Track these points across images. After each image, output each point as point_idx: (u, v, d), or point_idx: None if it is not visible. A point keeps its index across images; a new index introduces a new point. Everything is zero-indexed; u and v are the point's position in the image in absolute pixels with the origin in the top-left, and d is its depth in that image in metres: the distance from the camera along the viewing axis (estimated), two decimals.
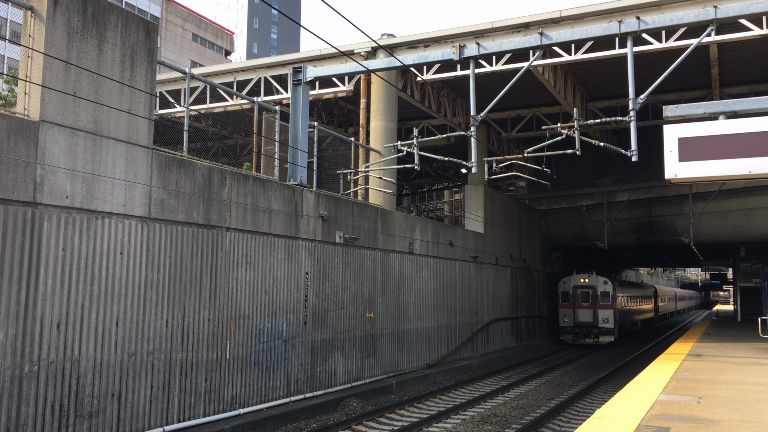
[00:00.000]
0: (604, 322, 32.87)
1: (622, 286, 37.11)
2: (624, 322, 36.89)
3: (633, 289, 41.14)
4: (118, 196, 10.31)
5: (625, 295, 37.40)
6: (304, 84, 16.14)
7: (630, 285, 41.56)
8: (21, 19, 9.63)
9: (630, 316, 39.20)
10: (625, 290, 37.92)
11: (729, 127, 10.98)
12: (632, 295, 40.22)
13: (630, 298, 39.24)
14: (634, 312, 41.18)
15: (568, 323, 33.82)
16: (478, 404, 16.41)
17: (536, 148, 17.56)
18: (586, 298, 33.51)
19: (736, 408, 9.49)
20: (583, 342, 33.29)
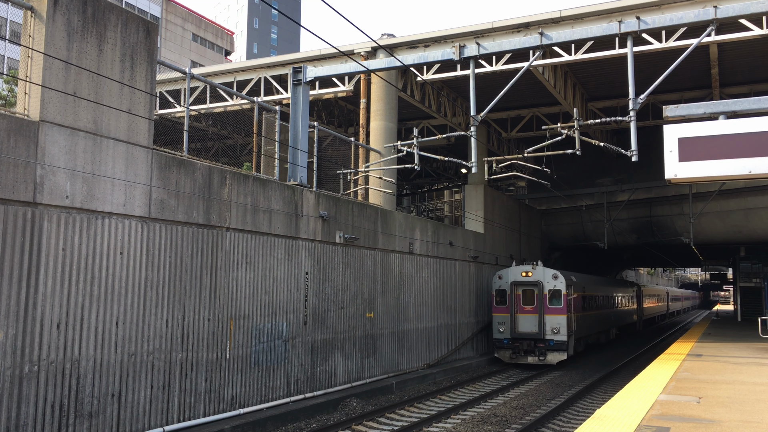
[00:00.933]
0: (553, 333, 23.13)
1: (583, 283, 27.34)
2: (585, 333, 27.15)
3: (602, 287, 31.62)
4: (118, 196, 10.31)
5: (588, 294, 27.78)
6: (304, 84, 16.14)
7: (596, 281, 31.29)
8: (21, 19, 9.62)
9: (594, 324, 29.39)
10: (589, 288, 28.33)
11: (729, 127, 10.99)
12: (599, 295, 30.54)
13: (595, 299, 29.36)
14: (603, 318, 31.51)
15: (504, 334, 24.05)
16: (478, 404, 16.41)
17: (536, 148, 17.56)
18: (529, 299, 24.00)
19: (736, 408, 9.48)
20: (524, 361, 23.76)
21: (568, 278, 24.31)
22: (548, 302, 23.63)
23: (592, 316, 28.66)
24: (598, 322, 30.20)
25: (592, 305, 28.77)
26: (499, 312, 24.44)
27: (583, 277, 28.06)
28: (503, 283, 24.48)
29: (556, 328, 23.27)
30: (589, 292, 27.93)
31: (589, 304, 28.11)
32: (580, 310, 25.86)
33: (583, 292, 26.74)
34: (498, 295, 24.51)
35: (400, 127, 27.35)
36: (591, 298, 28.34)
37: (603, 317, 31.35)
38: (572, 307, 24.33)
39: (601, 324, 30.76)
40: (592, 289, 28.93)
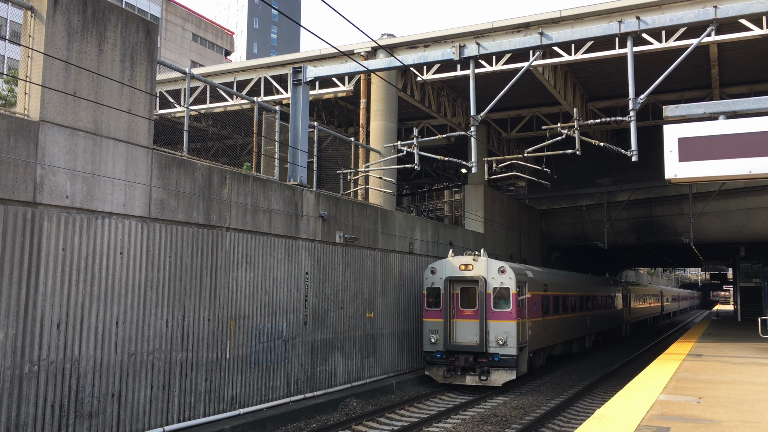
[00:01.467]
0: (498, 345, 17.80)
1: (545, 280, 21.96)
2: (547, 342, 21.68)
3: (573, 286, 25.92)
4: (118, 196, 10.31)
5: (552, 294, 22.46)
6: (304, 84, 16.14)
7: (566, 279, 25.42)
8: (21, 19, 9.62)
9: (562, 331, 23.79)
10: (554, 286, 22.81)
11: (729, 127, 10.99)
12: (571, 296, 24.99)
13: (563, 300, 23.92)
14: (575, 323, 25.62)
15: (437, 346, 18.52)
16: (478, 404, 16.41)
17: (536, 148, 17.56)
18: (469, 300, 18.54)
19: (736, 408, 9.48)
20: (461, 382, 18.10)
21: (521, 273, 18.90)
22: (492, 304, 17.94)
23: (557, 322, 22.81)
24: (568, 328, 24.55)
25: (559, 308, 23.13)
26: (430, 316, 18.73)
27: (545, 273, 22.71)
28: (436, 280, 18.79)
29: (502, 338, 17.67)
30: (553, 292, 22.50)
31: (555, 307, 22.55)
32: (538, 313, 20.35)
33: (545, 292, 21.46)
34: (430, 294, 18.88)
35: (400, 127, 27.35)
36: (557, 300, 22.84)
37: (575, 322, 25.49)
38: (526, 311, 18.86)
39: (571, 330, 25.01)
40: (559, 288, 23.50)
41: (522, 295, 18.62)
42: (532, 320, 19.64)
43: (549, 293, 21.91)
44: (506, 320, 17.95)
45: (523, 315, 18.60)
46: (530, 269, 20.96)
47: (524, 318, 18.74)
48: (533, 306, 19.85)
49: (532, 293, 19.84)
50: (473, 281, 18.35)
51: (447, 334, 18.27)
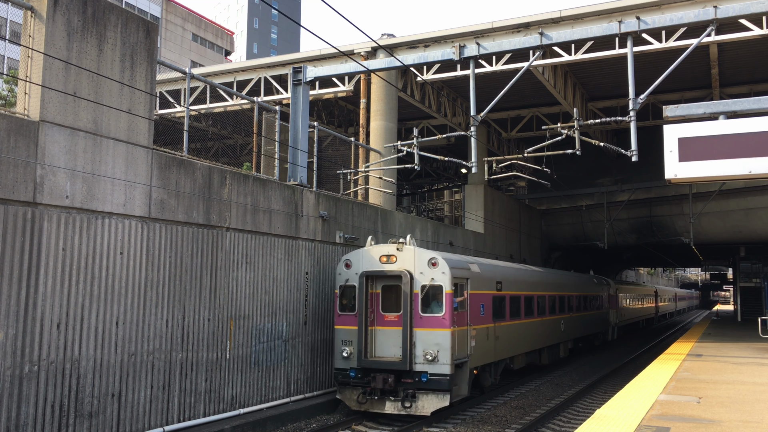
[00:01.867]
0: (427, 361, 13.70)
1: (498, 276, 17.43)
2: (501, 354, 17.20)
3: (540, 283, 21.40)
4: (118, 196, 10.31)
5: (508, 294, 17.96)
6: (304, 84, 16.14)
7: (528, 275, 20.52)
8: (21, 19, 9.62)
9: (525, 339, 19.19)
10: (511, 284, 18.32)
11: (729, 127, 10.99)
12: (536, 296, 20.38)
13: (526, 302, 19.37)
14: (542, 329, 21.01)
15: (350, 361, 14.35)
16: (478, 404, 16.40)
17: (536, 148, 17.57)
18: (392, 301, 14.44)
19: (736, 408, 9.48)
20: (380, 409, 14.00)
21: (459, 267, 14.67)
22: (420, 307, 13.74)
23: (517, 329, 18.38)
24: (533, 335, 19.95)
25: (520, 311, 18.77)
26: (344, 323, 14.39)
27: (499, 268, 17.92)
28: (352, 276, 14.48)
29: (432, 352, 13.43)
30: (511, 291, 18.08)
31: (514, 310, 18.20)
32: (487, 318, 16.05)
33: (498, 291, 17.00)
34: (344, 295, 14.56)
35: (400, 127, 27.36)
36: (516, 301, 18.51)
37: (543, 328, 21.03)
38: (467, 315, 14.68)
39: (538, 338, 20.50)
40: (520, 287, 18.98)
41: (460, 295, 14.42)
42: (478, 327, 15.26)
43: (504, 293, 17.51)
44: (438, 328, 13.63)
45: (462, 321, 14.38)
46: (476, 262, 16.54)
47: (464, 325, 14.47)
48: (479, 309, 15.49)
49: (479, 293, 15.59)
50: (397, 276, 14.07)
51: (362, 347, 13.95)
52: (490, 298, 16.43)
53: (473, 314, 15.09)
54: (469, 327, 14.81)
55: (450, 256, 15.37)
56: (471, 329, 14.87)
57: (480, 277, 15.93)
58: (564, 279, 25.10)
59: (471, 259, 16.92)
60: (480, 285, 15.80)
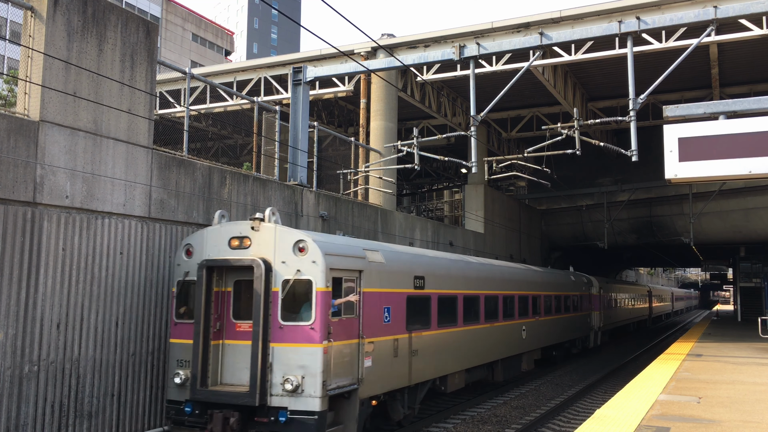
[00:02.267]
0: (287, 391, 9.24)
1: (405, 268, 12.51)
2: (406, 380, 12.17)
3: (489, 278, 16.89)
4: (118, 196, 10.31)
5: (425, 294, 13.15)
6: (304, 84, 16.14)
7: (463, 268, 15.66)
8: (21, 19, 9.62)
9: (443, 357, 13.83)
10: (438, 279, 13.87)
11: (729, 127, 10.99)
12: (471, 295, 15.48)
13: (453, 303, 14.48)
14: (478, 339, 15.78)
15: (183, 392, 9.86)
16: (478, 404, 16.40)
17: (536, 148, 17.57)
18: (247, 305, 10.03)
19: (736, 408, 9.49)
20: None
21: (342, 254, 10.43)
22: (280, 312, 9.70)
23: (450, 339, 13.97)
24: (479, 346, 15.60)
25: (456, 314, 14.30)
26: (180, 336, 10.31)
27: (416, 257, 13.31)
28: (192, 267, 10.35)
29: (293, 379, 9.34)
30: (440, 289, 13.62)
31: (445, 314, 13.78)
32: (396, 327, 11.72)
33: (416, 290, 12.60)
34: (182, 294, 10.46)
35: (400, 127, 27.36)
36: (449, 303, 14.03)
37: (494, 336, 16.54)
38: (359, 324, 10.60)
39: (485, 350, 15.98)
40: (454, 283, 14.38)
41: (345, 294, 10.23)
42: (378, 340, 10.95)
43: (428, 292, 12.99)
44: (303, 343, 9.46)
45: (347, 332, 10.14)
46: (380, 248, 11.85)
47: (351, 337, 10.25)
48: (381, 314, 11.11)
49: (382, 292, 11.21)
50: (248, 266, 9.78)
51: (200, 370, 9.71)
52: (403, 300, 11.83)
53: (370, 322, 10.66)
54: (362, 340, 10.40)
55: (331, 238, 10.85)
56: (365, 343, 10.46)
57: (384, 270, 11.31)
58: (529, 276, 20.23)
59: (371, 243, 12.00)
60: (384, 281, 11.27)
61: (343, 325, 10.06)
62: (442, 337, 13.69)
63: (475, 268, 16.41)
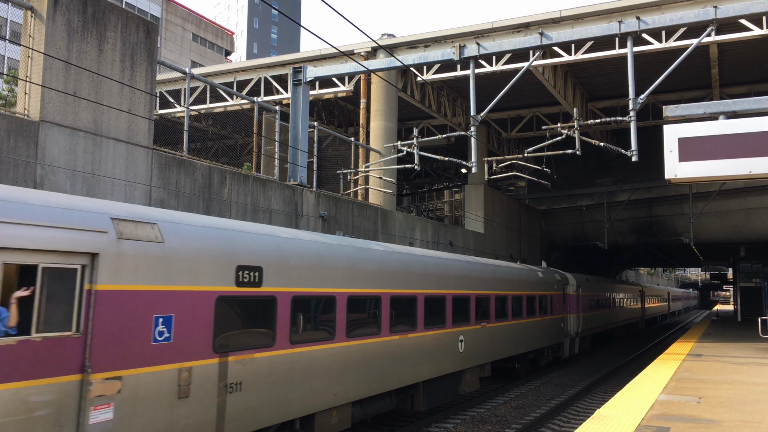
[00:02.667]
0: None
1: (212, 245, 7.94)
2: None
3: (358, 270, 10.88)
4: (118, 196, 10.31)
5: (254, 294, 8.49)
6: (304, 84, 16.14)
7: (316, 249, 9.95)
8: (21, 19, 9.62)
9: (288, 396, 8.98)
10: (282, 270, 8.98)
11: (729, 127, 10.99)
12: (358, 295, 10.72)
13: (331, 305, 10.03)
14: (371, 358, 11.04)
15: None
16: (478, 404, 16.40)
17: (536, 148, 17.57)
18: None
19: (736, 408, 9.49)
20: None
21: (21, 215, 5.98)
22: None
23: (312, 361, 9.58)
24: (376, 366, 11.29)
25: (331, 325, 10.14)
26: None
27: (236, 231, 8.68)
28: None
29: None
30: (295, 287, 9.32)
31: (309, 323, 9.64)
32: (195, 347, 7.61)
33: (238, 287, 8.29)
34: None
35: (400, 127, 27.37)
36: (323, 306, 9.94)
37: (400, 352, 12.10)
38: (88, 347, 6.35)
39: (387, 372, 11.65)
40: (327, 277, 10.07)
41: (42, 296, 6.12)
42: (128, 374, 6.80)
43: (268, 290, 8.80)
44: None
45: (44, 364, 6.02)
46: (151, 217, 7.56)
47: (51, 374, 6.08)
48: (145, 329, 7.05)
49: (148, 290, 7.11)
50: None
51: None
52: (209, 304, 7.83)
53: (117, 342, 6.67)
54: (89, 376, 6.35)
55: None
56: (96, 381, 6.40)
57: (163, 254, 7.33)
58: (471, 271, 15.64)
59: (141, 210, 7.62)
60: (162, 272, 7.29)
61: (32, 351, 5.86)
62: (301, 359, 9.23)
63: (374, 258, 11.50)
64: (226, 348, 7.97)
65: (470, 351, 15.17)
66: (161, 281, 7.24)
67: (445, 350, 13.88)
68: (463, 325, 14.86)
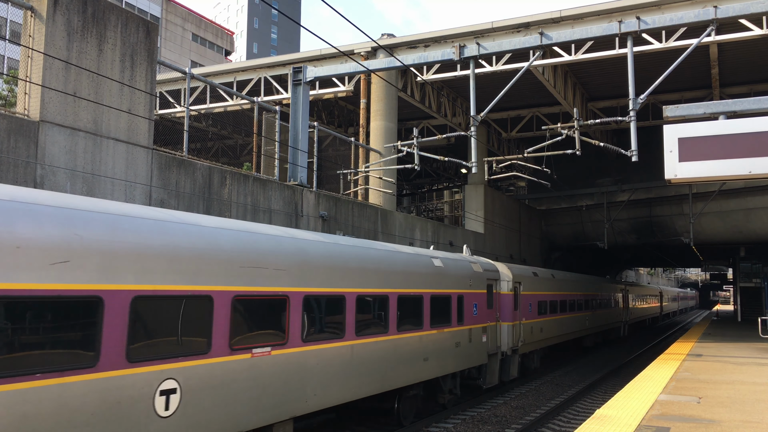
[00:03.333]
0: None
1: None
2: None
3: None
4: (118, 196, 10.31)
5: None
6: (304, 84, 16.14)
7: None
8: (21, 19, 9.62)
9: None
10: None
11: (729, 127, 10.99)
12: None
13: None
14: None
15: None
16: (478, 404, 16.40)
17: (536, 148, 17.56)
18: None
19: (736, 408, 9.49)
20: None
21: None
22: None
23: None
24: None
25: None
26: None
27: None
28: None
29: None
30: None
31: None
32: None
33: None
34: None
35: (400, 127, 27.37)
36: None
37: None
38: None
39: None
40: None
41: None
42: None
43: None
44: None
45: None
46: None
47: None
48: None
49: None
50: None
51: None
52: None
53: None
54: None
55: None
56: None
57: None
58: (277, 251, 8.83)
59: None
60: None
61: None
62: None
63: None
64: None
65: (256, 401, 8.06)
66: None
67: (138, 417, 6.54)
68: (240, 352, 7.75)
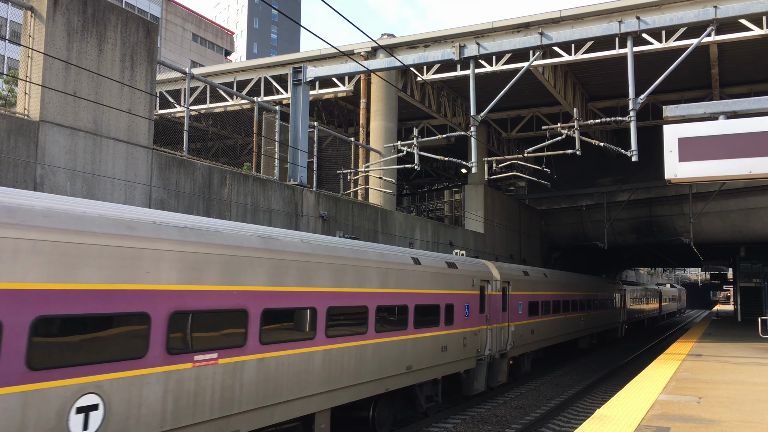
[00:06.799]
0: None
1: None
2: None
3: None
4: (118, 196, 10.31)
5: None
6: (304, 84, 16.14)
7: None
8: (21, 19, 9.62)
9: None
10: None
11: (729, 127, 10.99)
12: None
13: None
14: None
15: None
16: (478, 404, 16.40)
17: (536, 148, 17.56)
18: None
19: (736, 408, 9.48)
20: None
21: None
22: None
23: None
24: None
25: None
26: None
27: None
28: None
29: None
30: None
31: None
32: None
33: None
34: None
35: (400, 127, 27.36)
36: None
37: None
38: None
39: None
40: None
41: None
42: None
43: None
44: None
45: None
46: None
47: None
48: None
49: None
50: None
51: None
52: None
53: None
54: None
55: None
56: None
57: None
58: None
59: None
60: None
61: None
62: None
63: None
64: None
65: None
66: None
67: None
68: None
